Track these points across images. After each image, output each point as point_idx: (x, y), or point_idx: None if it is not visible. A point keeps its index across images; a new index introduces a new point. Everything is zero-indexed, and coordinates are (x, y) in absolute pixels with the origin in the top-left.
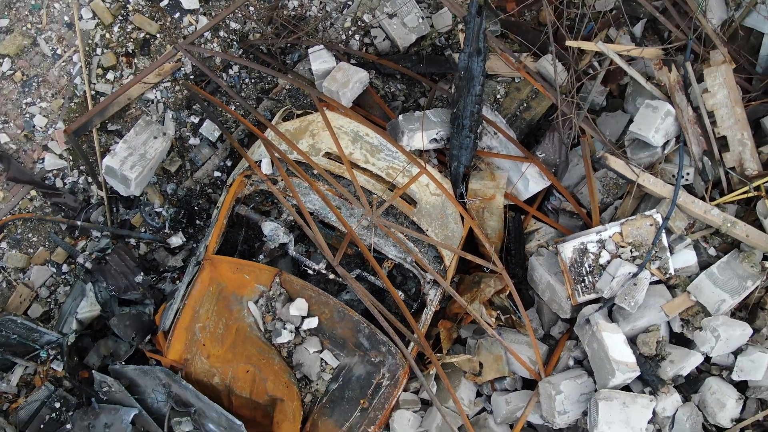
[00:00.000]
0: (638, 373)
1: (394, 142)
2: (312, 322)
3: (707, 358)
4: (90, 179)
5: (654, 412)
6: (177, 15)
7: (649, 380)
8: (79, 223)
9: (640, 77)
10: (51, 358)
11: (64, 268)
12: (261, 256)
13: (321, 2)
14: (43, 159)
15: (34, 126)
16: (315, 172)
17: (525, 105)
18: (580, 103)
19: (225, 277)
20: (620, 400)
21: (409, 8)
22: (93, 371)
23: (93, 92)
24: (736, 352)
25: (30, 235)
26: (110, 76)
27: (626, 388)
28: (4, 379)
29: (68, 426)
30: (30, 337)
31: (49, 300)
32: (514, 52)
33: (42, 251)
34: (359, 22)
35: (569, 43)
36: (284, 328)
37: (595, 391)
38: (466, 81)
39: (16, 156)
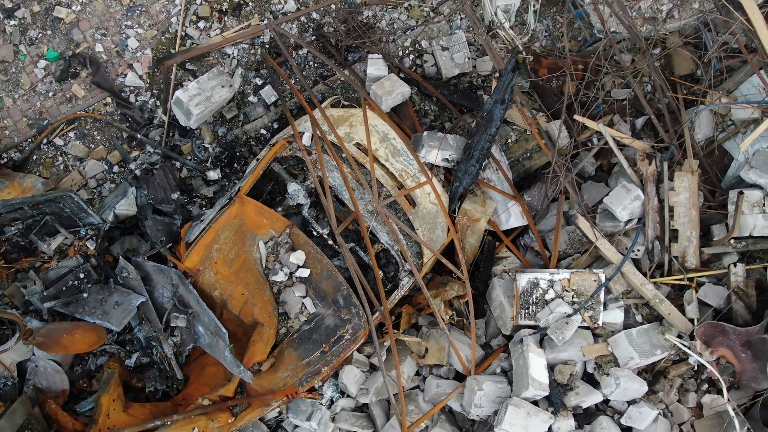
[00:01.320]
0: (547, 394)
1: (413, 151)
2: (304, 272)
3: (606, 400)
4: (159, 103)
5: (550, 429)
6: None
7: (554, 402)
8: (139, 135)
9: (625, 162)
10: (88, 237)
11: (115, 168)
12: (279, 208)
13: (390, 19)
14: (125, 75)
15: (126, 46)
16: (343, 155)
17: (528, 154)
18: (571, 167)
19: (248, 215)
20: (526, 410)
21: (460, 47)
22: (120, 257)
23: (183, 33)
24: (631, 402)
25: (95, 133)
26: (201, 24)
27: (535, 402)
28: (46, 242)
29: (85, 295)
30: (78, 214)
31: (94, 190)
32: (532, 109)
33: (101, 149)
34: (417, 45)
35: (577, 117)
36: (281, 270)
37: (510, 397)
38: (486, 121)
39: (104, 66)
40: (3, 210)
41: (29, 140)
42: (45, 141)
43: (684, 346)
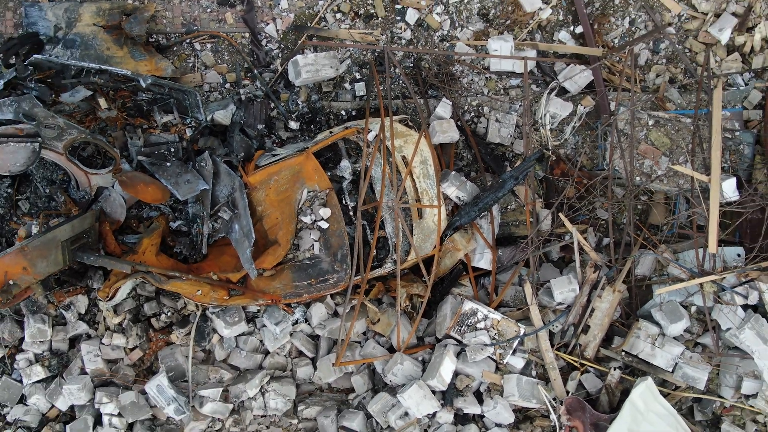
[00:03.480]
0: (444, 390)
1: (439, 181)
2: (324, 225)
3: (482, 415)
4: (281, 56)
5: (435, 414)
6: (399, 18)
7: (446, 397)
8: (255, 71)
9: (578, 263)
10: (189, 125)
11: (227, 86)
12: (328, 173)
13: (471, 80)
14: (267, 24)
15: (279, 4)
16: (390, 159)
17: (516, 223)
18: (540, 247)
19: (306, 167)
20: (424, 393)
21: (509, 125)
22: (206, 150)
23: (322, 15)
24: (498, 425)
25: (225, 53)
26: (338, 15)
27: (433, 391)
28: (161, 115)
29: (168, 164)
30: (192, 108)
31: (206, 93)
32: (535, 193)
33: (223, 67)
34: (480, 108)
35: (561, 215)
36: (310, 215)
37: (418, 379)
38: (498, 186)
39: (256, 9)
40: (152, 81)
41: (177, 35)
42: (188, 41)
43: (551, 405)
